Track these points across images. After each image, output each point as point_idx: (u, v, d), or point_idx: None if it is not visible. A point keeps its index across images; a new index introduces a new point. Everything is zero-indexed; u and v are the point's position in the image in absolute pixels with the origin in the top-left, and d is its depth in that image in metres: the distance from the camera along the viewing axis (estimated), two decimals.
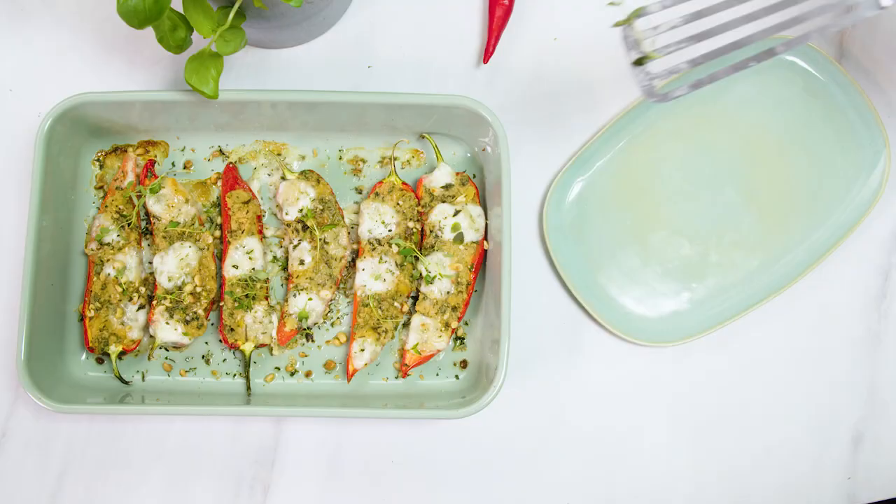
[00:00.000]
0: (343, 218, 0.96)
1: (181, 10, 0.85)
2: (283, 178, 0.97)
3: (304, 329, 0.95)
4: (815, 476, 0.96)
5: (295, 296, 0.94)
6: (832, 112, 0.97)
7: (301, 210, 0.94)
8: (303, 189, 0.95)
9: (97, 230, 0.94)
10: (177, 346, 0.95)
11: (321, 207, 0.95)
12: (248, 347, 0.93)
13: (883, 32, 1.00)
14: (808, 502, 0.96)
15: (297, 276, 0.94)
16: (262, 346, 0.94)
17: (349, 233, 0.96)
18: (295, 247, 0.95)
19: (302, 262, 0.94)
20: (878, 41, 1.00)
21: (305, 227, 0.94)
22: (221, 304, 0.94)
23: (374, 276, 0.94)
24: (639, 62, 0.77)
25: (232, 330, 0.93)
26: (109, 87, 1.00)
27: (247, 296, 0.93)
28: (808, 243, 0.96)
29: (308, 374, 0.96)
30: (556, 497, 0.96)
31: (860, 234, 0.98)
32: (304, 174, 0.95)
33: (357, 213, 0.97)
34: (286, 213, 0.95)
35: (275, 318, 0.95)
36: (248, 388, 0.94)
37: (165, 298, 0.92)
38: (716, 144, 0.98)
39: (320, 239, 0.94)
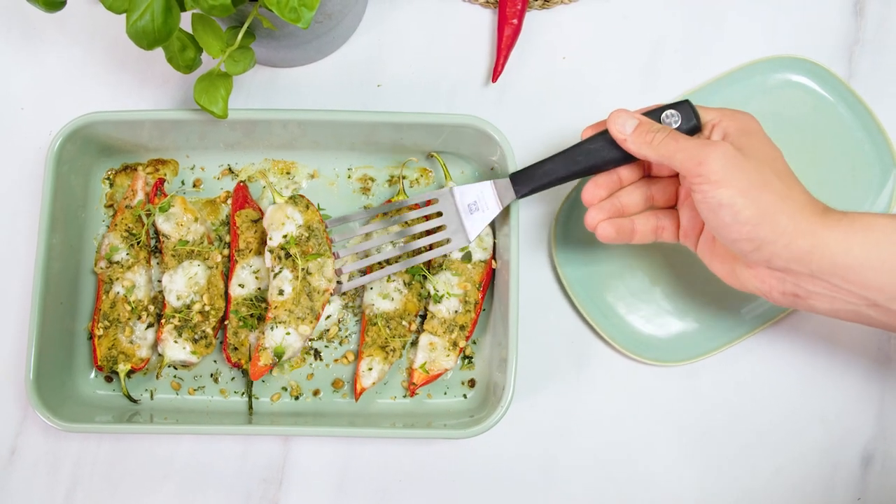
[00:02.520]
0: (330, 249, 0.92)
1: (190, 31, 0.86)
2: (274, 202, 0.93)
3: (279, 362, 0.92)
4: (825, 496, 0.95)
5: (272, 328, 0.90)
6: (841, 132, 0.97)
7: (285, 236, 0.90)
8: (290, 214, 0.91)
9: (106, 248, 0.95)
10: (185, 365, 0.95)
11: (307, 235, 0.91)
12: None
13: (893, 52, 1.00)
14: None
15: (276, 308, 0.90)
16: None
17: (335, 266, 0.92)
18: (276, 275, 0.90)
19: (281, 293, 0.90)
20: (887, 61, 1.00)
21: (288, 255, 0.90)
22: (227, 322, 0.94)
23: (383, 295, 0.94)
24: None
25: (236, 349, 0.93)
26: (120, 106, 1.01)
27: (252, 315, 0.93)
28: None
29: (316, 393, 0.96)
30: None
31: None
32: (294, 199, 0.92)
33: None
34: (270, 238, 0.91)
35: None
36: (251, 406, 0.94)
37: (174, 317, 0.93)
38: None
39: (303, 269, 0.90)
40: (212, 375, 0.96)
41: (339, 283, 0.93)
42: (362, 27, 1.02)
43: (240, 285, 0.94)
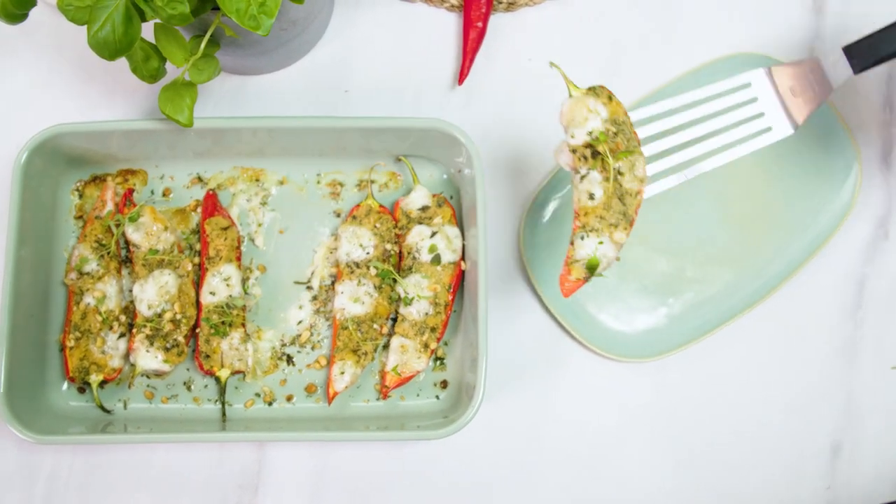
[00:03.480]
0: (639, 145, 0.83)
1: (153, 40, 0.86)
2: (570, 96, 0.83)
3: (592, 276, 0.83)
4: (794, 486, 0.96)
5: (583, 238, 0.82)
6: (803, 126, 0.98)
7: (591, 133, 0.81)
8: (592, 107, 0.82)
9: (77, 260, 0.95)
10: (158, 374, 0.95)
11: (614, 130, 0.82)
12: (223, 374, 0.94)
13: None
14: None
15: (586, 214, 0.82)
16: (238, 372, 0.95)
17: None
18: (583, 178, 0.82)
19: (591, 197, 0.82)
20: None
21: (596, 154, 0.82)
22: (198, 330, 0.94)
23: (353, 299, 0.94)
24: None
25: (208, 357, 0.94)
26: (88, 117, 1.01)
27: (223, 322, 0.94)
28: (784, 256, 0.97)
29: (289, 398, 0.96)
30: None
31: (834, 246, 0.98)
32: (594, 90, 0.83)
33: (335, 237, 0.98)
34: (572, 136, 0.82)
35: (250, 345, 0.95)
36: (224, 413, 0.95)
37: (145, 326, 0.93)
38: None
39: (614, 169, 0.81)
40: (185, 384, 0.96)
41: None
42: (328, 34, 1.02)
43: (211, 293, 0.94)
